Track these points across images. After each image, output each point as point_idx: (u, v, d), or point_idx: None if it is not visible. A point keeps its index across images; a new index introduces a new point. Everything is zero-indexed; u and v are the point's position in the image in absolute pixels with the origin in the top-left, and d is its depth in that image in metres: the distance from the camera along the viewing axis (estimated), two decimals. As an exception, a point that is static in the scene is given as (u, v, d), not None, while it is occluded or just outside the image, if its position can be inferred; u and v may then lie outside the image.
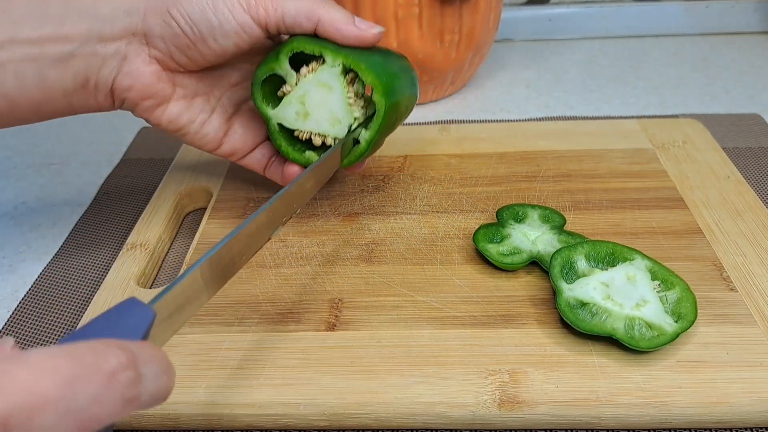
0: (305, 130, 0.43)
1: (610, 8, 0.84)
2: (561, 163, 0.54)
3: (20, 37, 0.37)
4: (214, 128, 0.44)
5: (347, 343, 0.38)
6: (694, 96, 0.70)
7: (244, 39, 0.39)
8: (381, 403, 0.34)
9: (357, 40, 0.40)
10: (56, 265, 0.48)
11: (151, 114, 0.42)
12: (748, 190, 0.50)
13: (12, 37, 0.37)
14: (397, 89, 0.42)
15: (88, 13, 0.38)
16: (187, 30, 0.38)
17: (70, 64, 0.38)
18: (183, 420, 0.35)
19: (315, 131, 0.43)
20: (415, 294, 0.41)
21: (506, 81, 0.76)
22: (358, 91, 0.42)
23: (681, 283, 0.38)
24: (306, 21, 0.39)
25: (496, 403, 0.34)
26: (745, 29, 0.85)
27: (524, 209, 0.46)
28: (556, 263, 0.39)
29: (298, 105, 0.43)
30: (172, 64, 0.40)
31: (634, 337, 0.35)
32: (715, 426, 0.34)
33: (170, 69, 0.41)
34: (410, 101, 0.45)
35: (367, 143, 0.42)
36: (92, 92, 0.40)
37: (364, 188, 0.52)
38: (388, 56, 0.44)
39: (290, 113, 0.43)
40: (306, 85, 0.42)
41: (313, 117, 0.43)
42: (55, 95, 0.39)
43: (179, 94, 0.42)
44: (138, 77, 0.40)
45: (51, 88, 0.38)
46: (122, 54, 0.39)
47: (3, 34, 0.36)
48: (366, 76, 0.40)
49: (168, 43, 0.39)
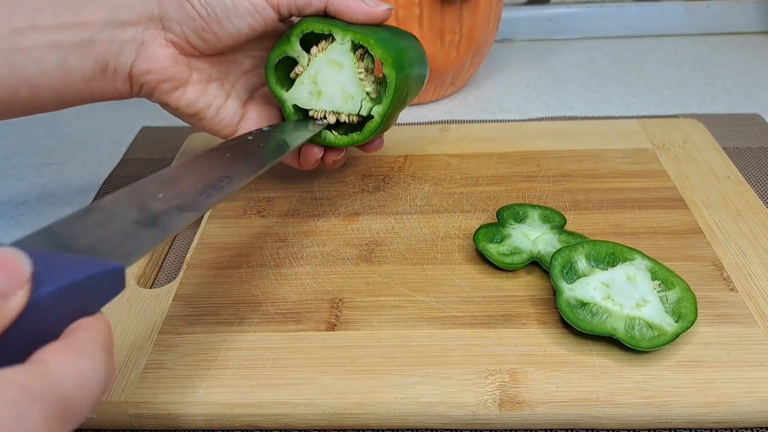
0: (319, 109, 0.44)
1: (610, 8, 0.84)
2: (561, 163, 0.54)
3: (40, 24, 0.38)
4: (230, 113, 0.45)
5: (347, 343, 0.38)
6: (694, 96, 0.70)
7: (258, 20, 0.40)
8: (381, 403, 0.34)
9: (366, 16, 0.41)
10: (56, 265, 0.48)
11: (169, 97, 0.42)
12: (748, 190, 0.50)
13: (32, 24, 0.38)
14: (406, 63, 0.43)
15: (105, 1, 0.39)
16: (202, 12, 0.39)
17: (89, 50, 0.39)
18: (183, 420, 0.35)
19: (329, 109, 0.44)
20: (416, 294, 0.41)
21: (506, 81, 0.76)
22: (368, 66, 0.43)
23: (681, 283, 0.38)
24: (316, 0, 0.40)
25: (497, 403, 0.34)
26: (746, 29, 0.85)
27: (524, 209, 0.46)
28: (557, 263, 0.39)
29: (311, 84, 0.43)
30: (188, 47, 0.41)
31: (634, 337, 0.35)
32: (715, 426, 0.34)
33: (186, 53, 0.42)
34: (420, 76, 0.46)
35: (380, 117, 0.43)
36: (111, 78, 0.41)
37: (364, 188, 0.52)
38: (396, 33, 0.44)
39: (303, 93, 0.44)
40: (317, 63, 0.43)
41: (326, 95, 0.43)
42: (75, 81, 0.40)
43: (195, 78, 0.43)
44: (155, 61, 0.40)
45: (71, 74, 0.39)
46: (139, 39, 0.40)
47: (23, 22, 0.37)
48: (375, 50, 0.41)
49: (183, 26, 0.40)
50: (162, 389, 0.35)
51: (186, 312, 0.41)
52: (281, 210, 0.50)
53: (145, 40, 0.40)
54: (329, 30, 0.42)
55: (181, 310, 0.41)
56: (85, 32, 0.39)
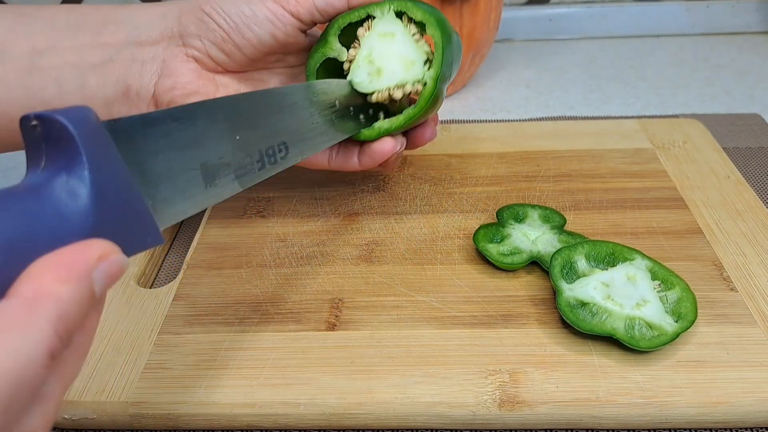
0: (383, 88, 0.42)
1: (610, 8, 0.84)
2: (561, 163, 0.54)
3: (60, 44, 0.37)
4: None
5: (347, 342, 0.38)
6: (694, 96, 0.70)
7: (279, 28, 0.39)
8: (381, 403, 0.34)
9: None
10: (56, 265, 0.48)
11: None
12: (748, 190, 0.50)
13: (52, 44, 0.37)
14: (447, 26, 0.42)
15: (125, 22, 0.39)
16: (221, 22, 0.39)
17: (109, 70, 0.38)
18: (183, 420, 0.35)
19: (393, 85, 0.41)
20: (415, 294, 0.41)
21: (506, 81, 0.76)
22: (418, 31, 0.42)
23: (681, 282, 0.38)
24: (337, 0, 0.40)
25: (497, 403, 0.34)
26: (746, 29, 0.85)
27: (524, 209, 0.46)
28: (556, 263, 0.39)
29: (367, 65, 0.42)
30: (211, 63, 0.40)
31: (634, 337, 0.35)
32: (715, 426, 0.34)
33: (209, 68, 0.41)
34: (458, 47, 0.44)
35: (433, 80, 0.40)
36: (135, 102, 0.40)
37: (364, 188, 0.52)
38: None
39: (363, 76, 0.42)
40: (368, 42, 0.41)
41: (387, 70, 0.42)
42: (95, 105, 0.38)
43: (222, 93, 0.42)
44: (178, 76, 0.40)
45: (92, 96, 0.38)
46: (161, 57, 0.39)
47: (44, 42, 0.37)
48: (415, 12, 0.40)
49: (204, 40, 0.39)
50: (162, 389, 0.35)
51: (186, 312, 0.41)
52: (281, 210, 0.50)
53: (166, 58, 0.40)
54: (366, 12, 0.41)
55: (181, 310, 0.41)
56: (105, 52, 0.38)
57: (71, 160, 0.22)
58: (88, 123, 0.22)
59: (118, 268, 0.22)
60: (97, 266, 0.21)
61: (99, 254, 0.21)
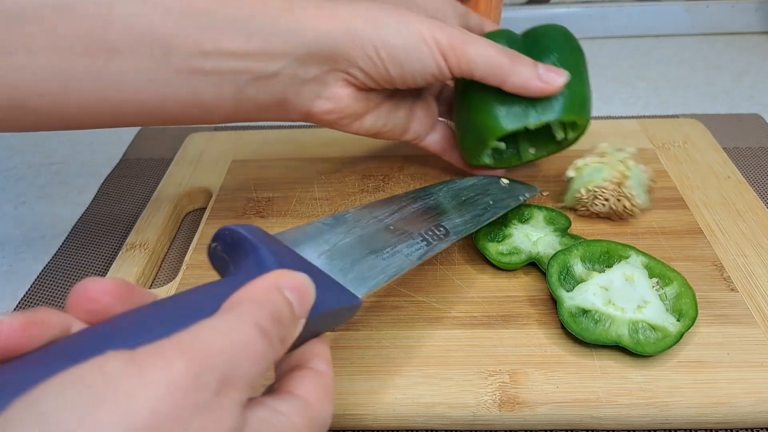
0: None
1: (610, 8, 0.84)
2: (561, 163, 0.54)
3: (226, 48, 0.36)
4: (401, 120, 0.46)
5: (347, 343, 0.38)
6: (694, 96, 0.70)
7: (437, 77, 0.41)
8: (381, 403, 0.34)
9: (541, 93, 0.41)
10: (56, 265, 0.48)
11: (349, 127, 0.43)
12: (748, 190, 0.50)
13: (218, 47, 0.36)
14: (587, 102, 0.46)
15: (295, 34, 0.38)
16: (390, 67, 0.39)
17: (270, 83, 0.38)
18: (183, 420, 0.35)
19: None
20: (415, 294, 0.41)
21: (506, 81, 0.76)
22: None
23: (678, 277, 0.38)
24: (493, 79, 0.41)
25: (497, 404, 0.34)
26: (745, 29, 0.85)
27: (530, 210, 0.46)
28: (553, 270, 0.39)
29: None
30: (365, 87, 0.41)
31: (640, 343, 0.35)
32: (716, 426, 0.34)
33: (364, 88, 0.42)
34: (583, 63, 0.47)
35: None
36: (285, 111, 0.41)
37: (364, 188, 0.52)
38: (571, 70, 0.43)
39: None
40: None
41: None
42: (248, 108, 0.39)
43: (371, 106, 0.43)
44: (337, 101, 0.41)
45: (246, 101, 0.39)
46: (321, 79, 0.40)
47: (209, 44, 0.36)
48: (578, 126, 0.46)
49: (366, 74, 0.40)
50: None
51: (186, 312, 0.40)
52: (281, 210, 0.50)
53: (326, 80, 0.40)
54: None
55: (180, 311, 0.41)
56: (271, 65, 0.37)
57: (257, 260, 0.26)
58: (260, 231, 0.27)
59: (302, 285, 0.24)
60: (284, 282, 0.23)
61: (282, 274, 0.24)
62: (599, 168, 0.45)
